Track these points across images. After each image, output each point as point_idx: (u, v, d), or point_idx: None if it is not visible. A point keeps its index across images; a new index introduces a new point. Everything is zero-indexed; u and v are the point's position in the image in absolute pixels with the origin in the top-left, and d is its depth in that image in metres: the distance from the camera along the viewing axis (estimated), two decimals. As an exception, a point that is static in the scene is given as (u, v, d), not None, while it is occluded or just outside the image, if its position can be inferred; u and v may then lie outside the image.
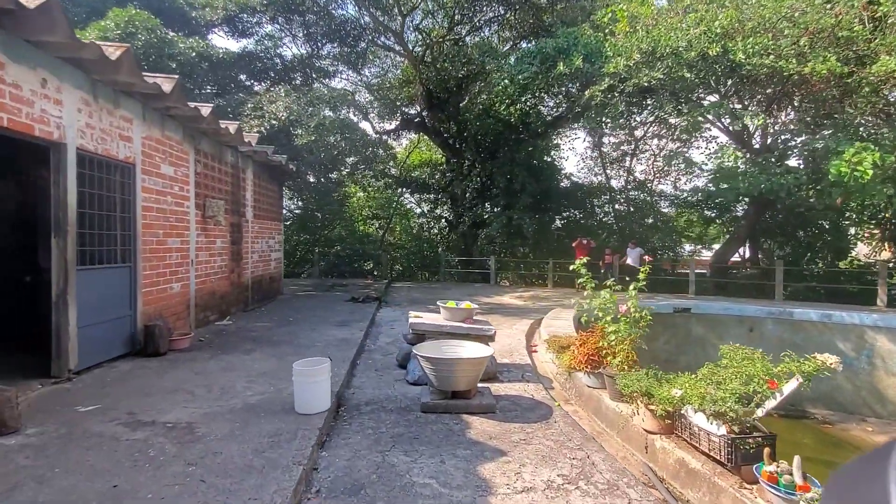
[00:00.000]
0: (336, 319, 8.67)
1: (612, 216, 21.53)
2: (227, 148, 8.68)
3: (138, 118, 5.93)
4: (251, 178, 9.99)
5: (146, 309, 6.07)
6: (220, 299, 8.43)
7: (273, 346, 6.44)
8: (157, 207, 6.31)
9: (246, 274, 9.70)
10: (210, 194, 7.94)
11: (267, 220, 11.05)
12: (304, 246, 23.67)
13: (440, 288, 15.99)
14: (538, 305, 12.09)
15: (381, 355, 6.50)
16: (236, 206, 9.16)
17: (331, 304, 10.78)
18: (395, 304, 11.50)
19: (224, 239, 8.57)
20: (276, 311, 9.62)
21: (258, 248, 10.45)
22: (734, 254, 18.63)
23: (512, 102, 16.44)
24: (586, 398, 4.77)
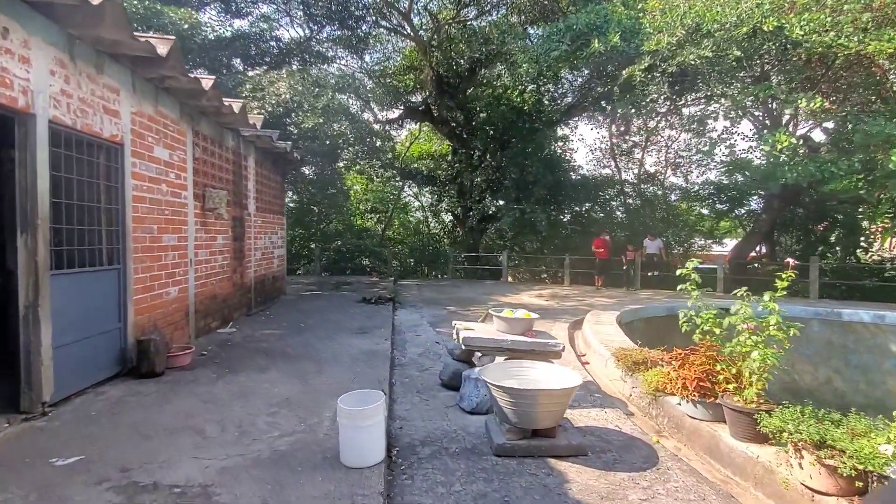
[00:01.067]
0: (353, 325, 7.71)
1: (623, 210, 20.73)
2: (228, 131, 7.64)
3: (127, 88, 4.89)
4: (253, 166, 8.95)
5: (139, 319, 5.06)
6: (223, 303, 7.42)
7: (290, 362, 5.47)
8: (150, 198, 5.29)
9: (249, 274, 8.68)
10: (210, 183, 6.90)
11: (269, 213, 10.02)
12: (300, 241, 22.58)
13: (450, 286, 15.07)
14: (564, 305, 11.23)
15: (416, 371, 5.56)
16: (238, 197, 8.13)
17: (341, 305, 9.80)
18: (410, 306, 10.55)
19: (226, 235, 7.54)
20: (284, 314, 8.62)
21: (261, 245, 9.43)
22: (754, 249, 17.93)
23: (525, 90, 15.51)
24: (690, 432, 3.88)
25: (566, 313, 10.05)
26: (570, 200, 18.96)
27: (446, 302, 11.38)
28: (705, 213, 23.15)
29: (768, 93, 9.05)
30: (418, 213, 32.62)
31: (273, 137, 8.56)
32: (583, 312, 10.24)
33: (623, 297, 12.70)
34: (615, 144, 21.65)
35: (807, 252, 19.22)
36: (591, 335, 7.03)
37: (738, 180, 20.97)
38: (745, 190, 19.61)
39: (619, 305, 10.02)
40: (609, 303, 11.65)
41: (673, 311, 10.77)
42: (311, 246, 22.54)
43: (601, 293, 13.48)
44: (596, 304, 11.49)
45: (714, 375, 3.81)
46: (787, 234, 20.17)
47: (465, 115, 17.04)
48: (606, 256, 13.83)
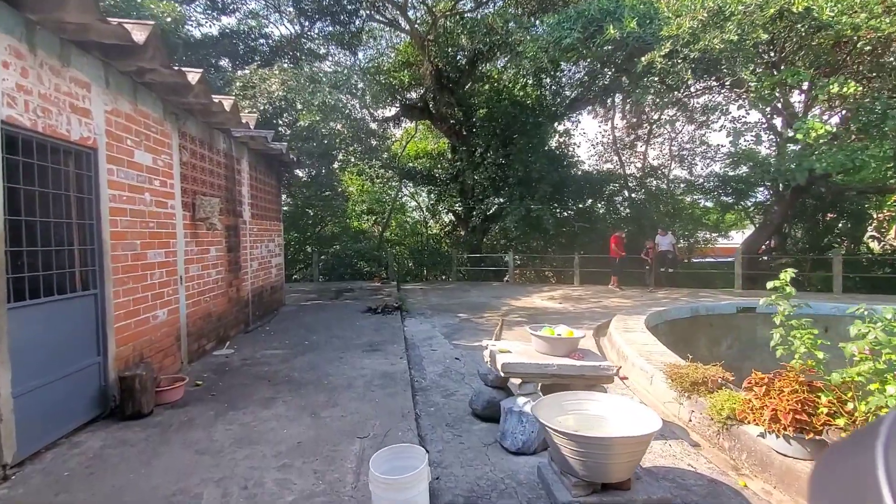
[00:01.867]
0: (362, 341, 7.06)
1: (627, 205, 20.18)
2: (218, 132, 6.95)
3: (99, 83, 4.20)
4: (247, 169, 8.26)
5: (121, 351, 4.38)
6: (218, 322, 6.74)
7: (297, 390, 4.82)
8: (131, 209, 4.61)
9: (245, 287, 8.01)
10: (200, 190, 6.22)
11: (266, 219, 9.34)
12: (296, 245, 21.87)
13: (456, 289, 14.44)
14: (579, 308, 10.63)
15: (441, 396, 4.93)
16: (231, 204, 7.44)
17: (346, 317, 9.14)
18: (419, 314, 9.90)
19: (219, 246, 6.86)
20: (285, 330, 7.95)
21: (258, 255, 8.75)
22: (765, 241, 17.43)
23: (527, 84, 14.91)
24: (782, 473, 3.27)
25: (585, 317, 9.45)
26: (575, 197, 18.37)
27: (456, 308, 10.75)
28: (710, 207, 22.73)
29: (797, 78, 8.50)
30: (415, 213, 32.01)
31: (268, 138, 7.88)
32: (602, 315, 9.67)
33: (640, 298, 12.14)
34: (618, 138, 21.10)
35: (814, 244, 18.80)
36: (625, 345, 6.42)
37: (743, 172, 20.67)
38: (754, 181, 19.19)
39: (642, 307, 9.44)
40: (627, 304, 11.08)
41: (697, 313, 10.25)
42: (308, 250, 21.84)
43: (616, 294, 12.90)
44: (612, 306, 10.91)
45: (812, 406, 3.20)
46: (794, 226, 19.72)
47: (465, 111, 16.40)
48: (622, 254, 13.24)
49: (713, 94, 17.29)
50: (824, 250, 18.60)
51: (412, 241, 28.41)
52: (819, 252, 17.90)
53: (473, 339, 7.52)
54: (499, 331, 8.29)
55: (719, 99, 17.13)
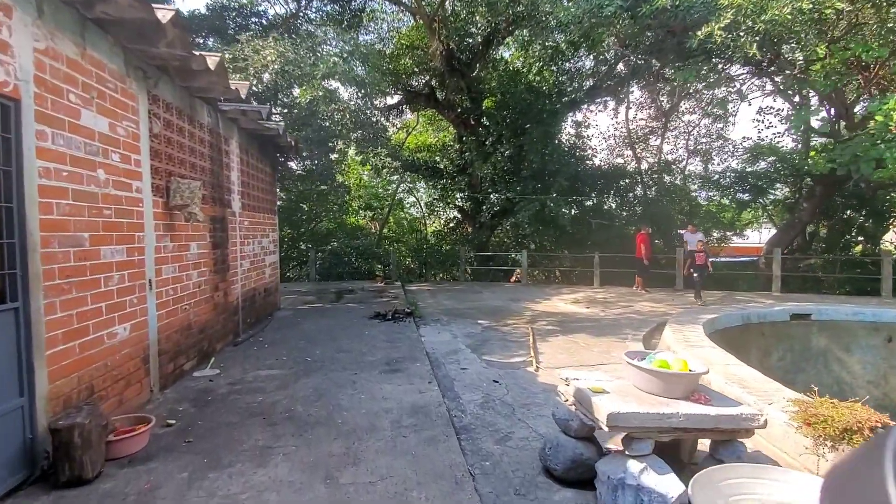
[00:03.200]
0: (376, 357, 5.85)
1: (641, 201, 19.07)
2: (202, 102, 5.70)
3: (27, 9, 2.96)
4: (237, 152, 7.01)
5: (58, 386, 3.15)
6: (200, 334, 5.50)
7: (303, 434, 3.61)
8: (76, 190, 3.37)
9: (235, 290, 6.76)
10: (177, 171, 4.97)
11: (258, 211, 8.09)
12: (289, 242, 20.57)
13: (466, 290, 13.25)
14: (611, 314, 9.48)
15: (493, 441, 3.72)
16: (218, 192, 6.19)
17: (352, 324, 7.92)
18: (434, 321, 8.69)
19: (202, 242, 5.61)
20: (282, 341, 6.71)
21: (249, 252, 7.50)
22: (792, 240, 16.40)
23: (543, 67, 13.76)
24: None
25: (623, 325, 8.31)
26: (589, 192, 17.24)
27: (472, 313, 9.56)
28: (725, 204, 21.73)
29: (871, 54, 7.40)
30: (413, 209, 30.75)
31: (263, 114, 6.62)
32: (641, 323, 8.54)
33: (671, 302, 11.04)
34: (632, 131, 20.00)
35: (832, 243, 17.83)
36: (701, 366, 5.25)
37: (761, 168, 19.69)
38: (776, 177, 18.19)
39: (687, 314, 8.30)
40: (663, 309, 9.97)
41: (749, 321, 9.16)
42: (301, 247, 20.57)
43: (643, 297, 11.78)
44: (647, 311, 9.80)
45: None
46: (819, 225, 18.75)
47: (474, 98, 15.19)
48: (649, 254, 12.12)
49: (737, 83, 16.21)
50: (843, 250, 17.69)
51: (411, 239, 27.23)
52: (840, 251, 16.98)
53: (506, 354, 6.34)
54: (532, 342, 7.14)
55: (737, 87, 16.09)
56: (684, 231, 12.72)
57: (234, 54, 8.74)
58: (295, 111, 12.06)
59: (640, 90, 16.85)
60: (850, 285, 15.03)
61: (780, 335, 8.96)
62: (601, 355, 6.30)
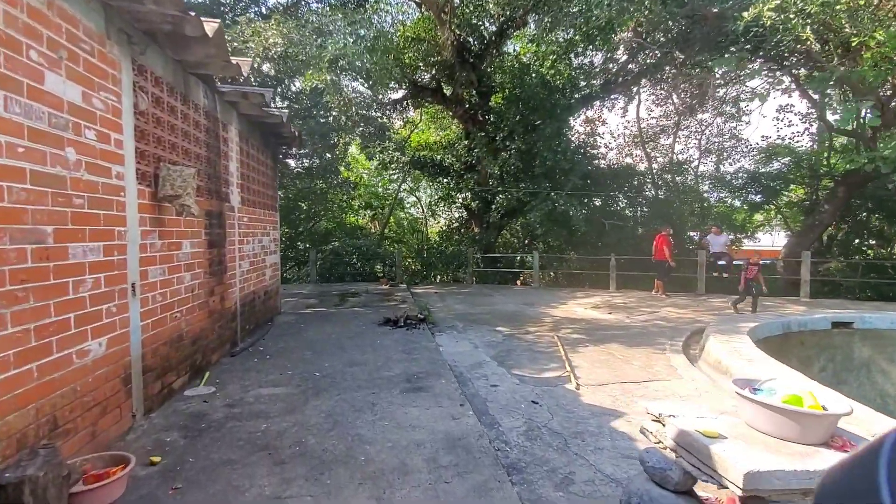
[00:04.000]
0: (394, 372, 5.16)
1: (652, 201, 18.45)
2: (197, 81, 5.00)
3: (-37, -71, 2.26)
4: (236, 139, 6.31)
5: (7, 423, 2.45)
6: (192, 346, 4.79)
7: (319, 478, 2.91)
8: (35, 171, 2.67)
9: (232, 294, 6.05)
10: (168, 156, 4.27)
11: (259, 207, 7.38)
12: (286, 241, 19.87)
13: (476, 293, 12.57)
14: (637, 321, 8.82)
15: (554, 487, 3.01)
16: (215, 183, 5.49)
17: (361, 331, 7.22)
18: (449, 327, 8.00)
19: (197, 239, 4.91)
20: (285, 352, 6.00)
21: (249, 252, 6.79)
22: (812, 244, 15.80)
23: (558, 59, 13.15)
24: None
25: (653, 333, 7.65)
26: (599, 191, 16.59)
27: (488, 318, 8.89)
28: (737, 205, 21.18)
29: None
30: (413, 209, 30.06)
31: (266, 97, 5.92)
32: (673, 331, 7.88)
33: (696, 307, 10.41)
34: (642, 129, 19.42)
35: (845, 245, 17.25)
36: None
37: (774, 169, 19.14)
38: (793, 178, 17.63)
39: (721, 321, 7.64)
40: (690, 315, 9.33)
41: (789, 329, 8.52)
42: (300, 246, 19.87)
43: (664, 301, 11.15)
44: (674, 318, 9.16)
45: None
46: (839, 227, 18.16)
47: (483, 92, 14.53)
48: (670, 257, 11.47)
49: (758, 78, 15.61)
50: (855, 253, 17.12)
51: (412, 240, 26.51)
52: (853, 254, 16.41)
53: (537, 367, 5.66)
54: (564, 354, 6.47)
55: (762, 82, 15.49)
56: (708, 233, 12.12)
57: (233, 36, 8.03)
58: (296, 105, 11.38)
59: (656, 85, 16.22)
60: (871, 290, 14.48)
61: (821, 344, 8.34)
62: (643, 370, 5.63)
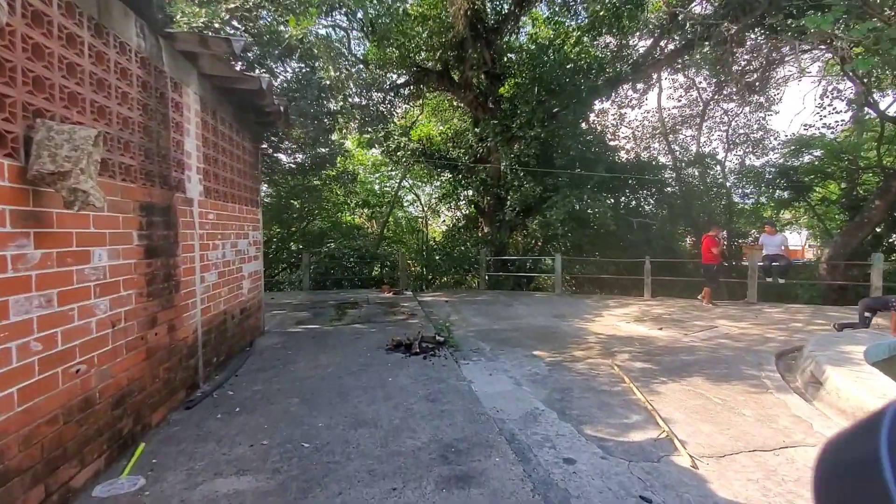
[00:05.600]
0: (421, 440, 3.51)
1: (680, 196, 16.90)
2: (127, 10, 3.34)
3: None
4: (196, 108, 4.64)
5: None
6: (114, 409, 3.12)
7: None
8: None
9: (190, 319, 4.38)
10: (58, 111, 2.60)
11: (232, 201, 5.71)
12: (278, 242, 18.18)
13: (493, 302, 10.95)
14: (697, 339, 7.22)
15: None
16: (158, 163, 3.82)
17: (366, 361, 5.57)
18: (474, 351, 6.36)
19: (121, 246, 3.24)
20: (263, 400, 4.33)
21: (216, 259, 5.12)
22: (860, 243, 14.30)
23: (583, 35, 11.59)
24: None
25: (727, 359, 6.05)
26: (623, 186, 15.01)
27: (517, 337, 7.27)
28: (763, 202, 19.70)
29: None
30: (411, 208, 28.44)
31: (234, 47, 4.25)
32: (746, 353, 6.29)
33: (754, 318, 8.86)
34: (665, 120, 17.87)
35: (878, 244, 15.75)
36: None
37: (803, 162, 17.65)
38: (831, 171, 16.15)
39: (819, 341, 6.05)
40: (753, 331, 7.75)
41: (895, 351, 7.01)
42: (292, 247, 18.19)
43: (713, 311, 9.60)
44: (736, 333, 7.60)
45: None
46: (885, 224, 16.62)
47: (498, 74, 12.91)
48: (718, 261, 9.91)
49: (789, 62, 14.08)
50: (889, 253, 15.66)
51: (411, 240, 24.87)
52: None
53: (615, 421, 4.05)
54: (645, 401, 4.83)
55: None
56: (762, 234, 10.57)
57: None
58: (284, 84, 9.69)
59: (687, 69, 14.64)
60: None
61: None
62: (765, 425, 4.01)
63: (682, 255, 16.15)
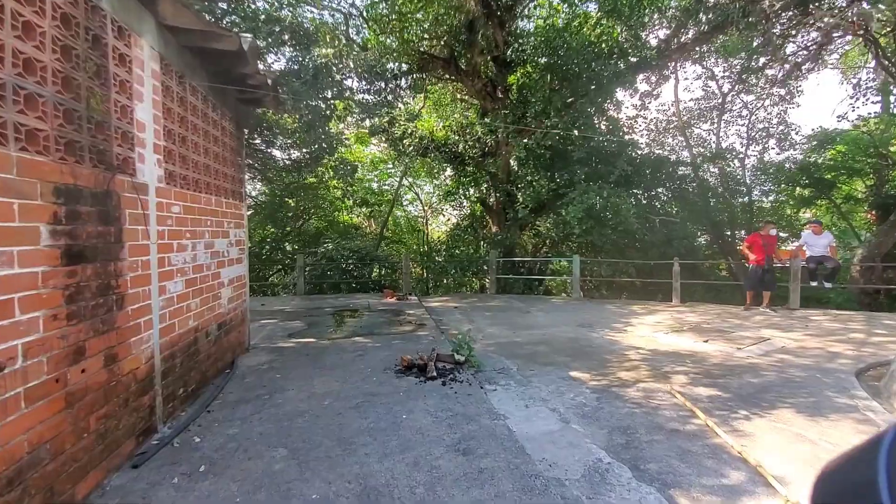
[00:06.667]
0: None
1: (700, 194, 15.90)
2: None
3: None
4: (154, 67, 3.58)
5: None
6: (8, 488, 2.06)
7: None
8: None
9: (143, 343, 3.31)
10: None
11: (208, 192, 4.65)
12: (272, 243, 17.13)
13: (507, 308, 9.92)
14: (753, 354, 6.19)
15: None
16: (90, 129, 2.76)
17: (373, 391, 4.51)
18: (499, 372, 5.31)
19: (16, 247, 2.17)
20: (237, 451, 3.27)
21: (184, 264, 4.05)
22: (894, 245, 13.31)
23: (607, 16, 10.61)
24: None
25: (798, 382, 5.02)
26: (642, 182, 13.99)
27: (546, 353, 6.23)
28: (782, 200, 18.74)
29: None
30: (410, 207, 27.40)
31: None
32: (822, 373, 5.28)
33: (803, 328, 7.86)
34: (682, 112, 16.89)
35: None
36: None
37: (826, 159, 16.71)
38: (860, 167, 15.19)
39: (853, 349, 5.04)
40: (810, 344, 6.73)
41: None
42: (287, 247, 17.17)
43: (753, 318, 8.59)
44: (793, 348, 6.56)
45: None
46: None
47: (508, 61, 11.89)
48: (763, 262, 8.91)
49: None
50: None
51: (411, 241, 23.85)
52: None
53: (708, 479, 3.02)
54: (740, 453, 3.67)
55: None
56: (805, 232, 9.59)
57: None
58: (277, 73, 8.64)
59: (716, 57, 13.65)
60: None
61: None
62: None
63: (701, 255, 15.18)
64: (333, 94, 8.26)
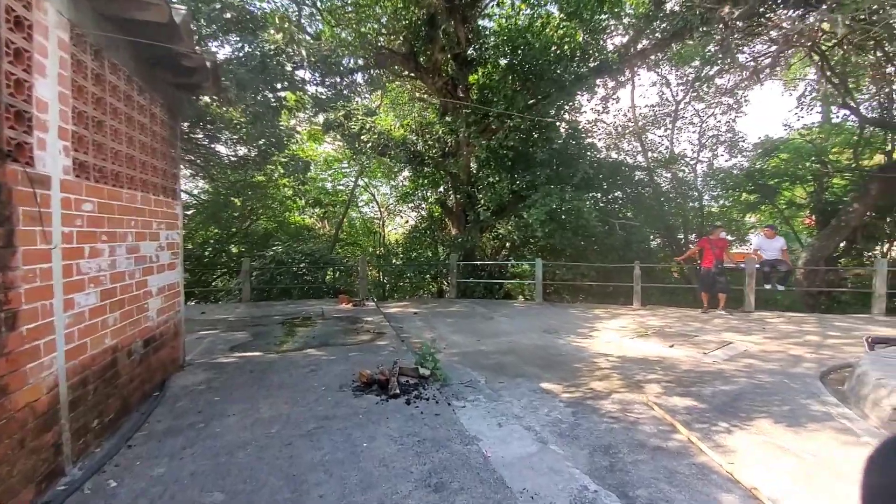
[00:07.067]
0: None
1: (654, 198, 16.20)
2: None
3: None
4: (60, 36, 2.96)
5: None
6: None
7: None
8: None
9: (40, 372, 2.69)
10: None
11: (133, 187, 4.00)
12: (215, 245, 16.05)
13: (469, 314, 9.59)
14: (719, 358, 6.14)
15: None
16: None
17: (328, 413, 4.00)
18: (469, 386, 4.94)
19: None
20: (162, 499, 2.71)
21: (98, 272, 3.41)
22: (836, 247, 14.02)
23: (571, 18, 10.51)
24: None
25: (772, 387, 4.96)
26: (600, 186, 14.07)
27: (515, 363, 5.92)
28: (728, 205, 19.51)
29: None
30: (366, 207, 26.71)
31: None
32: (789, 378, 5.26)
33: (759, 330, 7.99)
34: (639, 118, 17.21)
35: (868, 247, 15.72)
36: None
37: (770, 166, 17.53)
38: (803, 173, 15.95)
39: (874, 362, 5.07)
40: (771, 347, 6.79)
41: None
42: (232, 250, 16.14)
43: (710, 320, 8.70)
44: (755, 352, 6.59)
45: None
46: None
47: (469, 60, 11.61)
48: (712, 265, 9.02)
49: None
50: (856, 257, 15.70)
51: (367, 243, 23.18)
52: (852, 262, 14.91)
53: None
54: (732, 476, 3.43)
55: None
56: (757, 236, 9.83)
57: None
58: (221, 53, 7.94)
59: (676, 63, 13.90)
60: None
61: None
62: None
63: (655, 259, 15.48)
64: (284, 85, 7.65)
